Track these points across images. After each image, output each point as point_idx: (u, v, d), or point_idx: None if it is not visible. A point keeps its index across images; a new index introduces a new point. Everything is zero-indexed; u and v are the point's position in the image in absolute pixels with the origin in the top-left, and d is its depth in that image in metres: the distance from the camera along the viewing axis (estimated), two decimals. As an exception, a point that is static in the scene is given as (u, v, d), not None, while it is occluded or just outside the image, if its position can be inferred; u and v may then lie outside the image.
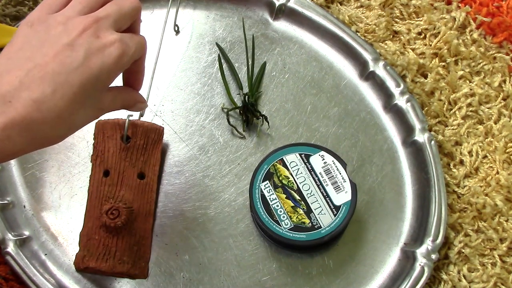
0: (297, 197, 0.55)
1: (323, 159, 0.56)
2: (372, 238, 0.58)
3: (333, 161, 0.56)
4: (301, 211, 0.54)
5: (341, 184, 0.55)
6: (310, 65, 0.65)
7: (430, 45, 0.66)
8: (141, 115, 0.59)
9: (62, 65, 0.39)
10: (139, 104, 0.50)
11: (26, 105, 0.38)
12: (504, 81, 0.65)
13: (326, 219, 0.54)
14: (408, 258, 0.57)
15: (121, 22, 0.44)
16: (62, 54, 0.40)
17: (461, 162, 0.62)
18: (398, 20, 0.68)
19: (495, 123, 0.63)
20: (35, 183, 0.60)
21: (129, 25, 0.45)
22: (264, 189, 0.55)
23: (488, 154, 0.62)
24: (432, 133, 0.62)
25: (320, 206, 0.55)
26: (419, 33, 0.67)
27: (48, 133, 0.39)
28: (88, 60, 0.40)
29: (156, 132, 0.59)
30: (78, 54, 0.40)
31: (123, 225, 0.54)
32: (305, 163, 0.56)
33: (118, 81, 0.47)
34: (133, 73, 0.49)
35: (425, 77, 0.65)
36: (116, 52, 0.41)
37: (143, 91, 0.52)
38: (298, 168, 0.56)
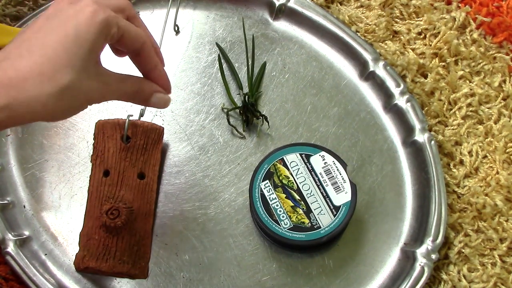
0: (297, 197, 0.55)
1: (324, 159, 0.56)
2: (372, 238, 0.58)
3: (333, 161, 0.56)
4: (301, 211, 0.54)
5: (341, 184, 0.55)
6: (310, 65, 0.65)
7: (430, 45, 0.66)
8: (141, 115, 0.60)
9: (39, 32, 0.40)
10: (158, 95, 0.47)
11: (2, 68, 0.38)
12: (504, 81, 0.65)
13: (325, 220, 0.54)
14: (408, 258, 0.57)
15: None
16: (40, 24, 0.40)
17: (461, 162, 0.62)
18: (398, 20, 0.68)
19: (495, 123, 0.63)
20: (35, 183, 0.60)
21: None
22: (264, 188, 0.55)
23: (488, 154, 0.62)
24: (432, 133, 0.62)
25: (320, 206, 0.55)
26: (419, 33, 0.67)
27: (33, 91, 0.38)
28: (63, 24, 0.40)
29: (156, 132, 0.59)
30: (53, 21, 0.40)
31: (123, 225, 0.54)
32: (305, 163, 0.56)
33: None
34: (148, 70, 0.47)
35: (425, 77, 0.65)
36: (88, 10, 0.40)
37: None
38: (298, 168, 0.56)
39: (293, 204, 0.55)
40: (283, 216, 0.54)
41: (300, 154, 0.57)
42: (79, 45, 0.40)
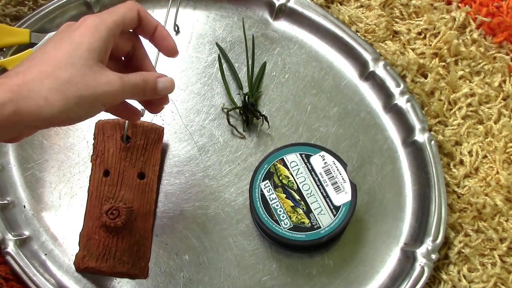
0: (297, 197, 0.55)
1: (324, 159, 0.56)
2: (372, 238, 0.58)
3: (333, 161, 0.56)
4: (301, 211, 0.54)
5: (341, 184, 0.55)
6: (310, 65, 0.65)
7: (430, 45, 0.66)
8: (141, 115, 0.59)
9: (46, 51, 0.42)
10: (162, 79, 0.47)
11: (12, 78, 0.40)
12: (504, 81, 0.65)
13: (325, 220, 0.54)
14: (408, 258, 0.57)
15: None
16: (51, 43, 0.43)
17: (461, 162, 0.62)
18: (398, 20, 0.68)
19: (495, 123, 0.63)
20: (35, 183, 0.60)
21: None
22: (264, 188, 0.55)
23: (488, 154, 0.62)
24: (432, 133, 0.62)
25: (320, 206, 0.55)
26: (419, 33, 0.67)
27: (35, 86, 0.40)
28: (69, 39, 0.42)
29: (156, 132, 0.59)
30: (62, 39, 0.43)
31: (123, 225, 0.54)
32: (305, 163, 0.56)
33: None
34: (154, 33, 0.48)
35: (425, 77, 0.65)
36: (91, 23, 0.43)
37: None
38: (299, 168, 0.56)
39: (293, 204, 0.55)
40: (283, 216, 0.54)
41: (300, 154, 0.57)
42: (78, 47, 0.42)
